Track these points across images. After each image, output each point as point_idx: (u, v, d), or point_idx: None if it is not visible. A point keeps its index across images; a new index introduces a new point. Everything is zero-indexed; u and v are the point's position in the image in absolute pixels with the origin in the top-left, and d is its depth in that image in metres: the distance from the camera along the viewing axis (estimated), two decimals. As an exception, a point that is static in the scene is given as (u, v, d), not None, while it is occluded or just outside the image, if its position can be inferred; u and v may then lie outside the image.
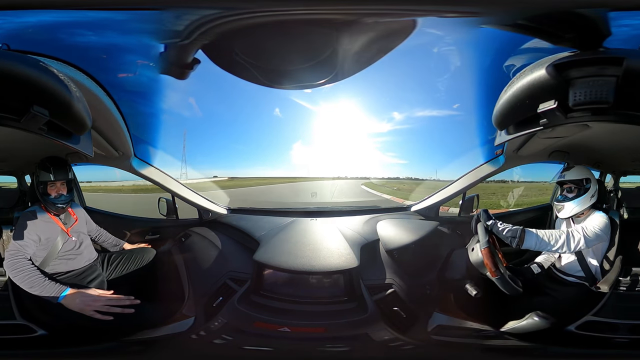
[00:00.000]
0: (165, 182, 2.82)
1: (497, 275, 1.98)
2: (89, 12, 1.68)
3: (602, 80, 1.47)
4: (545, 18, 1.59)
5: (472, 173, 2.87)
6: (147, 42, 1.88)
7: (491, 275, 1.99)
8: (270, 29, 1.71)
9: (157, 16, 1.70)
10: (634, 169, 2.75)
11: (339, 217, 2.84)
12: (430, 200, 3.05)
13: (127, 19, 1.75)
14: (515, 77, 1.69)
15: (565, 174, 2.33)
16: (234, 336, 2.11)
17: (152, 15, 1.70)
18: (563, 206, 2.31)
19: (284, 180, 12.07)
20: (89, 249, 2.42)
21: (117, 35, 1.83)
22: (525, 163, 2.79)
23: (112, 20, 1.74)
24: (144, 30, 1.80)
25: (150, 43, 1.88)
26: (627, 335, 2.03)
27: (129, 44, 1.90)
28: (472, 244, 2.12)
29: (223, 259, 2.48)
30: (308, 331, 2.09)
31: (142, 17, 1.74)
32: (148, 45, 1.90)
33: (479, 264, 2.03)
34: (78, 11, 1.67)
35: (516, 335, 2.06)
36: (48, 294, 1.94)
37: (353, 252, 2.26)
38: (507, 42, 1.89)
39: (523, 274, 2.33)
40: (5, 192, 2.98)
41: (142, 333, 2.11)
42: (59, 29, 1.74)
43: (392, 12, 1.70)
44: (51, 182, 2.20)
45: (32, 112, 1.45)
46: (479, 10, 1.66)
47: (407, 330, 2.12)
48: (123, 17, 1.73)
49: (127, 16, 1.73)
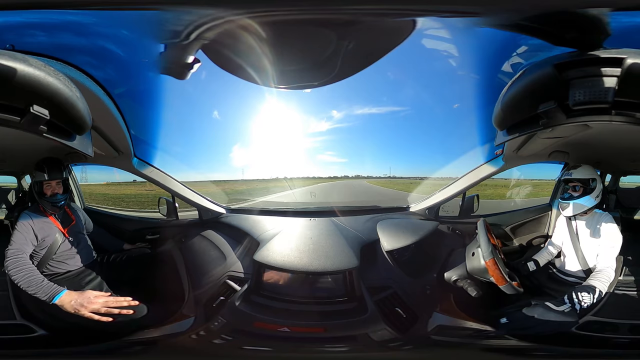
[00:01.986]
0: (165, 182, 2.82)
1: (505, 284, 1.97)
2: (90, 12, 1.68)
3: (602, 80, 1.47)
4: (545, 18, 1.59)
5: (472, 173, 2.87)
6: (148, 42, 1.88)
7: (498, 284, 1.98)
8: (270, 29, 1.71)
9: (157, 16, 1.70)
10: (634, 169, 2.75)
11: (339, 217, 2.84)
12: (430, 200, 3.05)
13: (127, 19, 1.75)
14: (515, 77, 1.69)
15: (572, 172, 2.31)
16: (234, 336, 2.11)
17: (153, 15, 1.70)
18: (569, 204, 2.30)
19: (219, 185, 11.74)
20: (87, 249, 2.42)
21: (117, 36, 1.83)
22: (525, 163, 2.79)
23: (113, 20, 1.74)
24: (144, 31, 1.80)
25: (150, 43, 1.88)
26: (627, 335, 2.04)
27: (129, 44, 1.90)
28: (471, 248, 2.10)
29: (223, 259, 2.47)
30: (308, 331, 2.09)
31: (142, 17, 1.74)
32: (148, 45, 1.90)
33: (481, 270, 2.02)
34: (78, 11, 1.67)
35: (516, 335, 2.05)
36: (44, 294, 1.94)
37: (353, 252, 2.26)
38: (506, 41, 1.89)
39: (518, 270, 2.33)
40: (5, 192, 2.98)
41: (142, 333, 2.11)
42: (59, 28, 1.74)
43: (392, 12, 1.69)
44: (46, 182, 2.24)
45: (32, 112, 1.45)
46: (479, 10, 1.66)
47: (407, 330, 2.12)
48: (123, 17, 1.73)
49: (127, 16, 1.73)
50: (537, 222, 2.95)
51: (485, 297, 2.13)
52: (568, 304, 2.00)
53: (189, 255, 2.65)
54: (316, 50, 1.80)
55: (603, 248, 2.18)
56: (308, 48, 1.81)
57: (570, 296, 2.01)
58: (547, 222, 2.92)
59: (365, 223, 2.75)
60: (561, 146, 2.49)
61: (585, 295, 2.00)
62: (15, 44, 1.62)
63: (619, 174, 2.85)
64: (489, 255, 1.97)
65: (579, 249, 2.29)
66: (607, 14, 1.50)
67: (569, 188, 2.33)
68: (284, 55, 1.83)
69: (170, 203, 2.91)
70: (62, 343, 2.05)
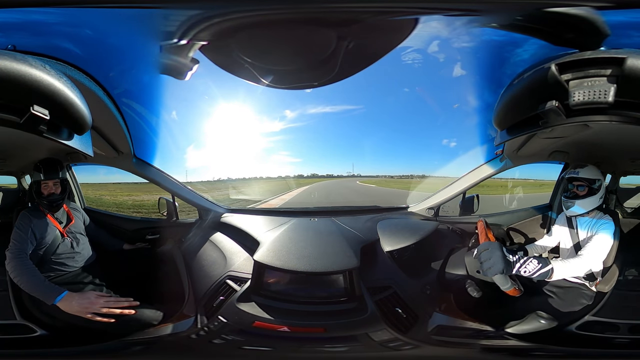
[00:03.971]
0: (165, 182, 2.82)
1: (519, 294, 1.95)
2: (90, 12, 1.68)
3: (602, 80, 1.47)
4: (545, 18, 1.59)
5: (472, 173, 2.87)
6: (148, 42, 1.88)
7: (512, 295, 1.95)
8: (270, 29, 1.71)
9: (157, 16, 1.70)
10: (634, 169, 2.75)
11: (339, 217, 2.84)
12: (430, 200, 3.05)
13: (128, 18, 1.75)
14: (515, 77, 1.69)
15: (579, 170, 2.27)
16: (234, 336, 2.11)
17: (153, 15, 1.70)
18: (573, 203, 2.26)
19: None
20: (86, 249, 2.42)
21: (117, 35, 1.83)
22: (525, 163, 2.79)
23: (113, 20, 1.74)
24: (145, 30, 1.81)
25: (150, 43, 1.88)
26: (627, 335, 2.04)
27: (129, 44, 1.90)
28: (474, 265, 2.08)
29: (223, 259, 2.47)
30: (308, 331, 2.09)
31: (142, 17, 1.74)
32: (148, 45, 1.90)
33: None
34: (78, 11, 1.67)
35: (516, 335, 2.05)
36: (46, 295, 1.94)
37: (353, 252, 2.26)
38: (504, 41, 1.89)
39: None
40: (5, 192, 2.98)
41: (142, 333, 2.11)
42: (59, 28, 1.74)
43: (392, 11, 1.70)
44: (43, 182, 2.25)
45: (32, 112, 1.45)
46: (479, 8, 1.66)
47: (407, 330, 2.12)
48: (123, 17, 1.73)
49: (127, 16, 1.73)
50: (537, 222, 2.94)
51: (485, 297, 2.14)
52: (514, 259, 1.90)
53: (189, 255, 2.65)
54: (316, 50, 1.80)
55: (593, 241, 2.15)
56: (308, 48, 1.81)
57: (522, 256, 1.92)
58: (547, 222, 2.92)
59: (365, 223, 2.76)
60: (561, 146, 2.49)
61: (531, 265, 1.89)
62: (15, 44, 1.62)
63: (619, 174, 2.84)
64: (511, 287, 1.92)
65: (579, 249, 2.29)
66: (607, 13, 1.51)
67: (573, 187, 2.29)
68: (283, 55, 1.83)
69: (170, 203, 2.91)
70: (62, 343, 2.05)
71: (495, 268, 1.86)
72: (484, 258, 1.90)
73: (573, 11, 1.56)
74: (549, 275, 1.92)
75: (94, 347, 2.03)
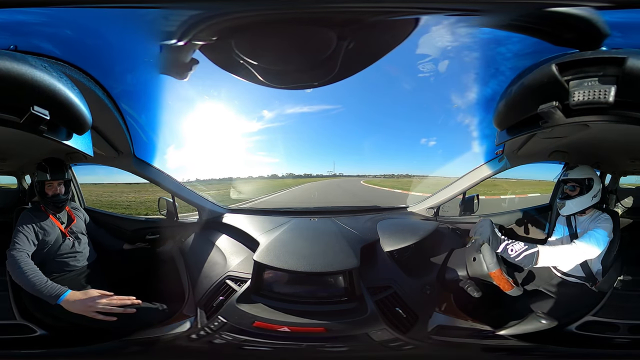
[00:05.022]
0: (165, 182, 2.82)
1: (512, 289, 1.97)
2: (89, 12, 1.68)
3: (602, 80, 1.47)
4: (545, 18, 1.59)
5: (472, 173, 2.87)
6: (147, 42, 1.88)
7: (505, 290, 1.98)
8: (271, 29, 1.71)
9: (157, 16, 1.70)
10: (634, 169, 2.75)
11: (339, 217, 2.84)
12: (430, 200, 3.05)
13: (128, 18, 1.75)
14: (515, 77, 1.69)
15: (568, 172, 2.35)
16: (234, 336, 2.11)
17: (153, 14, 1.70)
18: (564, 204, 2.33)
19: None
20: (87, 249, 2.42)
21: (117, 35, 1.83)
22: (525, 163, 2.79)
23: (112, 20, 1.74)
24: (144, 30, 1.80)
25: (150, 43, 1.88)
26: (627, 335, 2.03)
27: (129, 43, 1.90)
28: (471, 252, 2.09)
29: (223, 259, 2.47)
30: (308, 331, 2.09)
31: (142, 17, 1.74)
32: (148, 45, 1.90)
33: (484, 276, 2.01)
34: (78, 11, 1.67)
35: (516, 335, 2.05)
36: (48, 295, 1.94)
37: (353, 252, 2.26)
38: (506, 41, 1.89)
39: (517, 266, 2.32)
40: (5, 192, 2.98)
41: (142, 333, 2.11)
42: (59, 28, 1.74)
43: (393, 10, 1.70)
44: (48, 182, 2.25)
45: (32, 112, 1.45)
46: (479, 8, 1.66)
47: (407, 330, 2.12)
48: (123, 17, 1.73)
49: (127, 16, 1.73)
50: (537, 222, 2.95)
51: (485, 297, 2.13)
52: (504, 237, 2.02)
53: (189, 255, 2.65)
54: (316, 50, 1.80)
55: (587, 234, 2.17)
56: (308, 48, 1.81)
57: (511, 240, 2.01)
58: (547, 222, 2.92)
59: (365, 223, 2.76)
60: (561, 146, 2.49)
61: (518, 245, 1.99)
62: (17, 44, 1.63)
63: (619, 174, 2.85)
64: (495, 266, 1.96)
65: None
66: (607, 13, 1.51)
67: (566, 188, 2.35)
68: (283, 55, 1.83)
69: (170, 203, 2.91)
70: (62, 343, 2.05)
71: (484, 235, 2.01)
72: (476, 227, 2.09)
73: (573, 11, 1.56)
74: (535, 259, 1.97)
75: (94, 347, 2.03)
